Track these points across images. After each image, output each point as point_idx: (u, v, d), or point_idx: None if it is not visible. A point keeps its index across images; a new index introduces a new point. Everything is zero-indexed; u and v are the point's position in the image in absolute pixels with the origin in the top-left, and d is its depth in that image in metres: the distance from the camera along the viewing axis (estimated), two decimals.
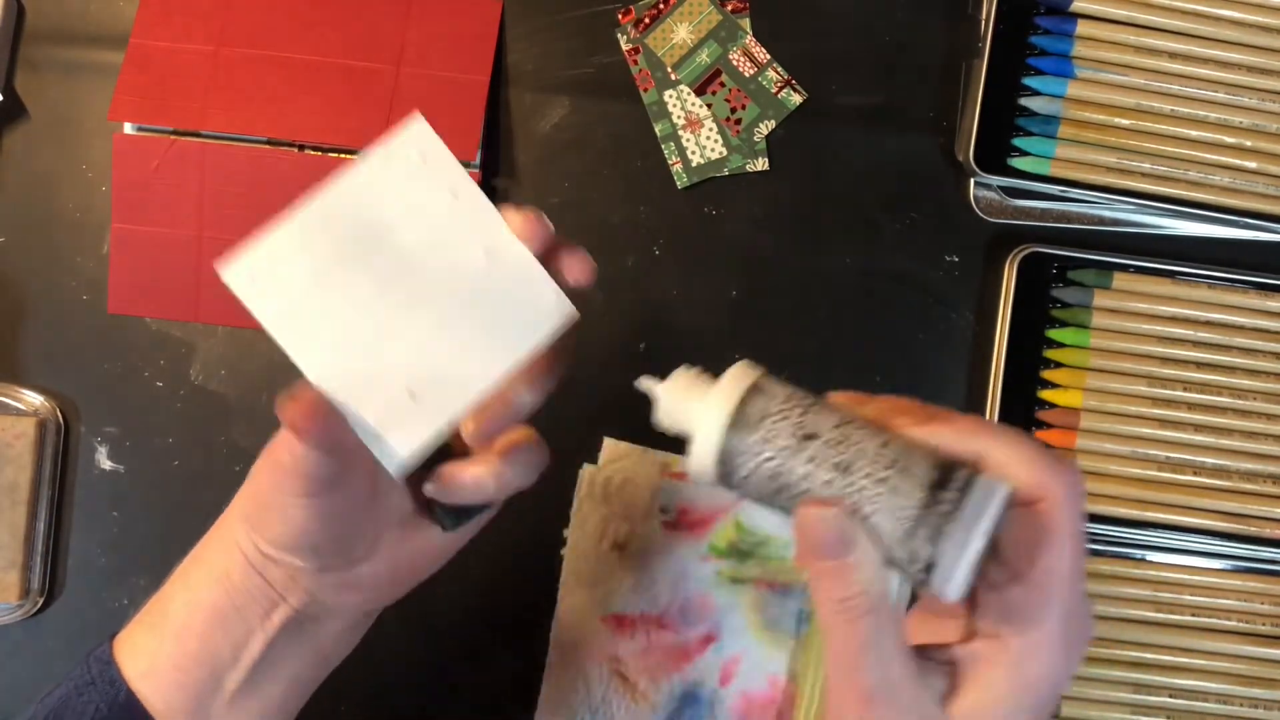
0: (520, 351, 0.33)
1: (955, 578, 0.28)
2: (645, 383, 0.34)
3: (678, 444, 0.33)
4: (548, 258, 0.34)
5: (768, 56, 0.56)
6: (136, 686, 0.35)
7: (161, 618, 0.36)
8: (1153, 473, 0.53)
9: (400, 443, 0.32)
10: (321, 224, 0.32)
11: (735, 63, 0.56)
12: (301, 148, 0.54)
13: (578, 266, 0.34)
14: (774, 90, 0.56)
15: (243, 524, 0.36)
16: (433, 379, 0.32)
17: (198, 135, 0.54)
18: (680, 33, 0.56)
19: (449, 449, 0.36)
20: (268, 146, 0.54)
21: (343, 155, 0.54)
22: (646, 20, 0.56)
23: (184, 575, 0.37)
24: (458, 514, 0.37)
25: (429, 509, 0.37)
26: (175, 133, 0.54)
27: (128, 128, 0.54)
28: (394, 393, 0.32)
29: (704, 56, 0.56)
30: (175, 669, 0.35)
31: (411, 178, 0.32)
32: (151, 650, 0.36)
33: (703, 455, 0.31)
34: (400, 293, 0.32)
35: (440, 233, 0.33)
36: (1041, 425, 0.54)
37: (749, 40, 0.56)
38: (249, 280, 0.32)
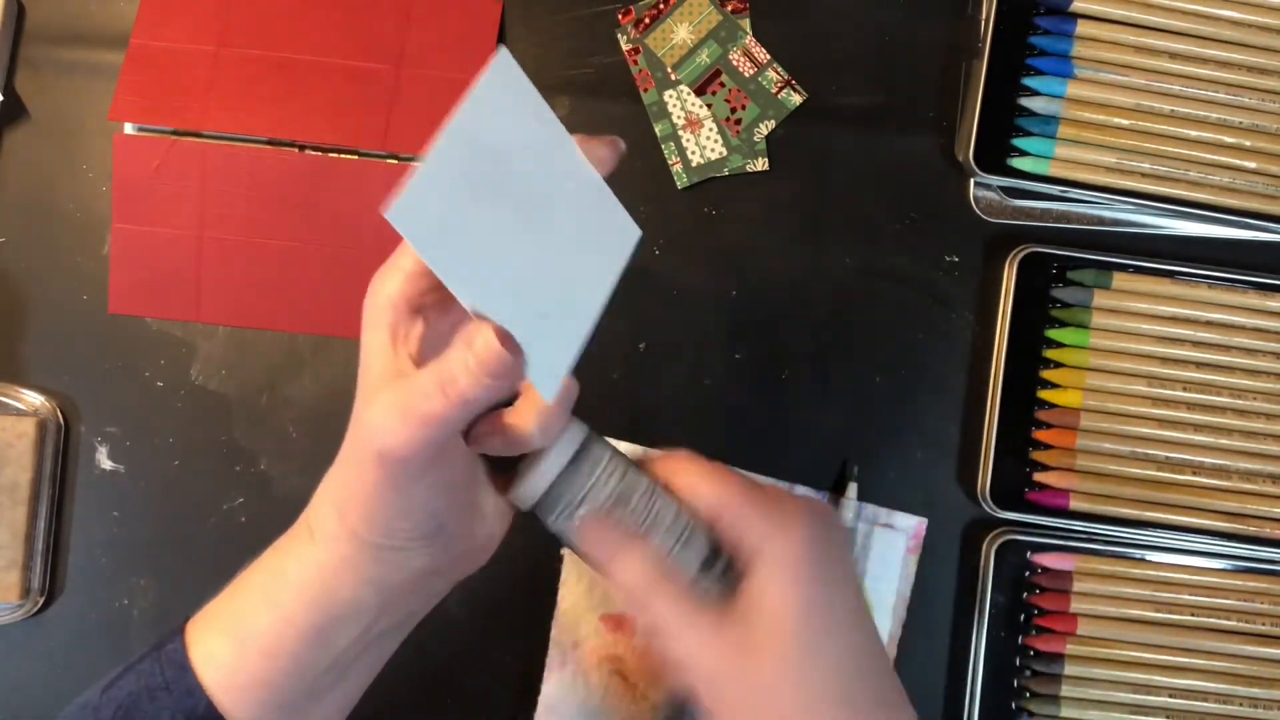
0: (614, 272, 0.34)
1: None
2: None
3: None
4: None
5: (768, 56, 0.56)
6: (216, 697, 0.33)
7: (240, 627, 0.34)
8: (1153, 473, 0.53)
9: (551, 370, 0.32)
10: (456, 155, 0.30)
11: (735, 63, 0.56)
12: (301, 148, 0.54)
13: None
14: (774, 90, 0.56)
15: (347, 533, 0.33)
16: (557, 303, 0.32)
17: (198, 135, 0.54)
18: (680, 33, 0.56)
19: None
20: (268, 146, 0.54)
21: (343, 155, 0.54)
22: (646, 20, 0.56)
23: (266, 590, 0.35)
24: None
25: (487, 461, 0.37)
26: (175, 133, 0.54)
27: (128, 128, 0.54)
28: (532, 319, 0.31)
29: (704, 56, 0.56)
30: (263, 685, 0.33)
31: (507, 110, 0.32)
32: (232, 664, 0.34)
33: (534, 488, 0.34)
34: (515, 219, 0.32)
35: (535, 161, 0.32)
36: (1041, 425, 0.54)
37: (749, 40, 0.56)
38: (408, 217, 0.29)
